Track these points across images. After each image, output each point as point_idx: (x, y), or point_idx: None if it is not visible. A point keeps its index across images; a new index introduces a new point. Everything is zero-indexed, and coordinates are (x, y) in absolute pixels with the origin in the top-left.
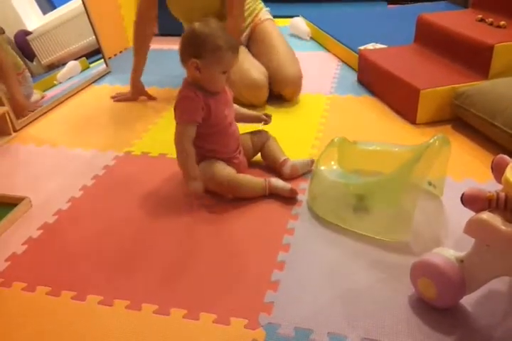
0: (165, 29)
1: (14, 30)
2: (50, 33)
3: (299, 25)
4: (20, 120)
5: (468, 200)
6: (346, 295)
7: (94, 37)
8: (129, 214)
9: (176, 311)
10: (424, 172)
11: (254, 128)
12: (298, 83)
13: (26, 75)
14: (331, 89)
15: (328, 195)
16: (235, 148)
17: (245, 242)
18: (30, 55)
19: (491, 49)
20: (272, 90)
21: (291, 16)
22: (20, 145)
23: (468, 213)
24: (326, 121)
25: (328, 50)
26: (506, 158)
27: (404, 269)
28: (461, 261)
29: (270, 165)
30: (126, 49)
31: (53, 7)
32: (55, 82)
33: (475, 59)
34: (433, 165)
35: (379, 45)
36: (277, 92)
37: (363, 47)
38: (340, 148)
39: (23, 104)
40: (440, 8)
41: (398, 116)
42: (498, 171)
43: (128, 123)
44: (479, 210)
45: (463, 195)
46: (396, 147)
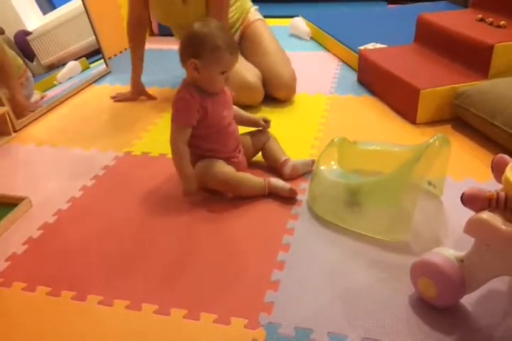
0: (165, 29)
1: (14, 30)
2: (50, 33)
3: (299, 25)
4: (20, 120)
5: (468, 200)
6: (346, 294)
7: (94, 37)
8: (129, 214)
9: (176, 311)
10: (424, 172)
11: (254, 128)
12: (292, 86)
13: (28, 76)
14: (331, 89)
15: (328, 194)
16: (235, 147)
17: (245, 242)
18: (30, 55)
19: (490, 49)
20: (266, 92)
21: (291, 16)
22: (20, 145)
23: (468, 213)
24: (326, 121)
25: (328, 50)
26: (506, 157)
27: (404, 269)
28: (461, 261)
29: (271, 165)
30: (126, 49)
31: (53, 7)
32: (55, 82)
33: (475, 59)
34: (433, 164)
35: (379, 45)
36: (271, 95)
37: (362, 47)
38: (340, 148)
39: (23, 105)
40: (440, 8)
41: (398, 115)
42: (498, 171)
43: (128, 123)
44: (479, 210)
45: (463, 194)
46: (396, 147)
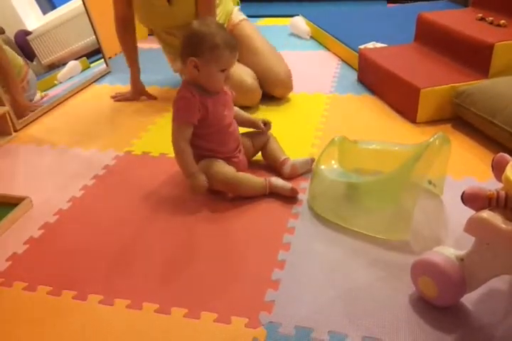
0: None
1: (14, 30)
2: (50, 32)
3: (299, 24)
4: (21, 120)
5: (469, 199)
6: (347, 293)
7: (94, 37)
8: (129, 214)
9: (177, 310)
10: (424, 171)
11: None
12: (288, 83)
13: (30, 79)
14: (331, 88)
15: (328, 194)
16: (235, 147)
17: (246, 241)
18: (30, 55)
19: (491, 48)
20: (263, 91)
21: (291, 15)
22: (20, 145)
23: (469, 212)
24: (326, 120)
25: (328, 49)
26: (506, 156)
27: (404, 268)
28: (461, 260)
29: (271, 165)
30: None
31: (53, 7)
32: (56, 82)
33: (475, 58)
34: (433, 163)
35: (379, 44)
36: (268, 93)
37: (363, 46)
38: (340, 147)
39: (23, 105)
40: (440, 7)
41: (398, 115)
42: (498, 170)
43: (128, 122)
44: (479, 209)
45: (463, 193)
46: (396, 146)
